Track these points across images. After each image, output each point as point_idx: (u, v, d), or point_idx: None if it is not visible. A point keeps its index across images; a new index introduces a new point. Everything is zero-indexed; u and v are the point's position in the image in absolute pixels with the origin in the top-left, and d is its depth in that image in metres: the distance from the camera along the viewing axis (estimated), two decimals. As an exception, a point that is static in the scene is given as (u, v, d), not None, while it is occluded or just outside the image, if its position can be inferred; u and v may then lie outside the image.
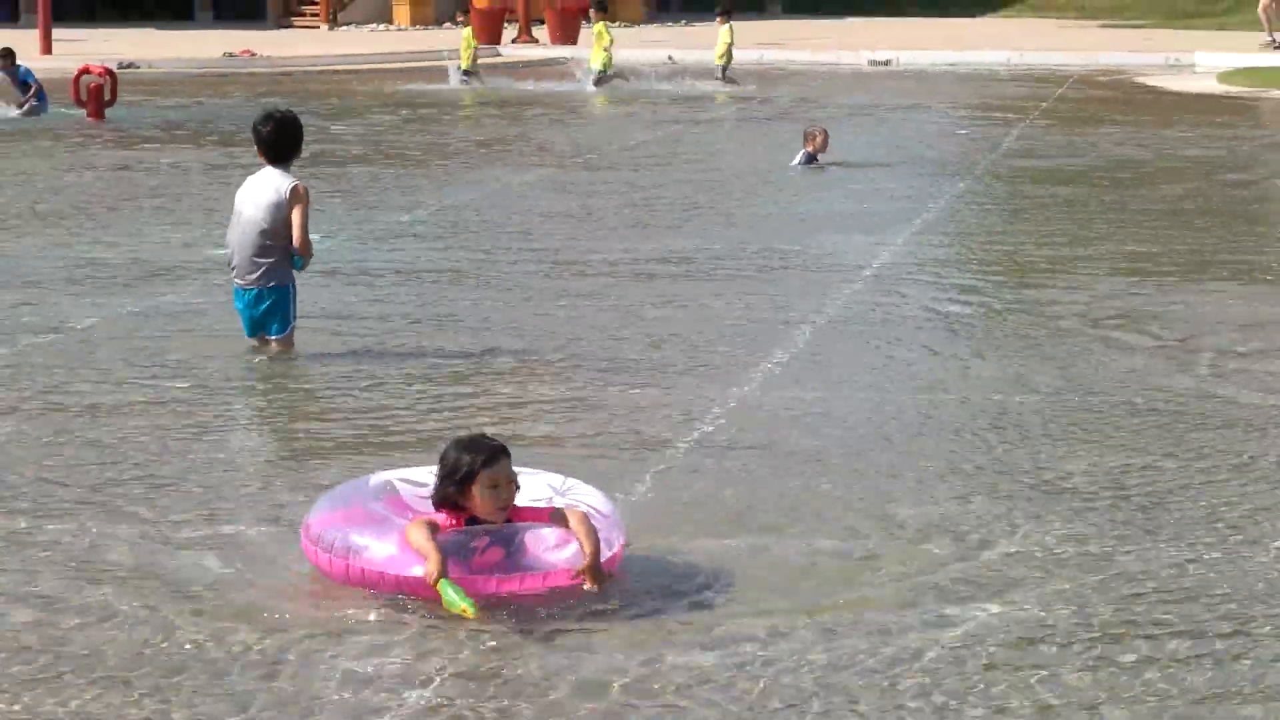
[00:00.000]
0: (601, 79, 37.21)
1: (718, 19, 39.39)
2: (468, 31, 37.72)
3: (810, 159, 21.78)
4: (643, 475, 9.43)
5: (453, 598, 6.63)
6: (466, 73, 36.74)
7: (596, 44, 37.17)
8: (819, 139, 21.84)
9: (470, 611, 6.64)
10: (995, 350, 12.83)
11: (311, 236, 11.93)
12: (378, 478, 7.66)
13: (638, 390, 11.39)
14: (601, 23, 37.13)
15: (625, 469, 9.52)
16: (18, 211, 19.21)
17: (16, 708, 6.29)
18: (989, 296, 14.75)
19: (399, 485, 7.47)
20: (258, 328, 11.95)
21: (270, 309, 11.70)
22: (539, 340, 12.77)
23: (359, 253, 15.96)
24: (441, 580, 6.60)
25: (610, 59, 36.77)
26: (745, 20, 53.90)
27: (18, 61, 30.39)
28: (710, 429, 10.27)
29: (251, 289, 11.70)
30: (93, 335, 12.64)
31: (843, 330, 12.97)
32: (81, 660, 6.64)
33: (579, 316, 13.70)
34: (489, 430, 8.82)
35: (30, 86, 29.52)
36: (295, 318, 11.79)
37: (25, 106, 29.27)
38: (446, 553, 6.68)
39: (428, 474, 7.38)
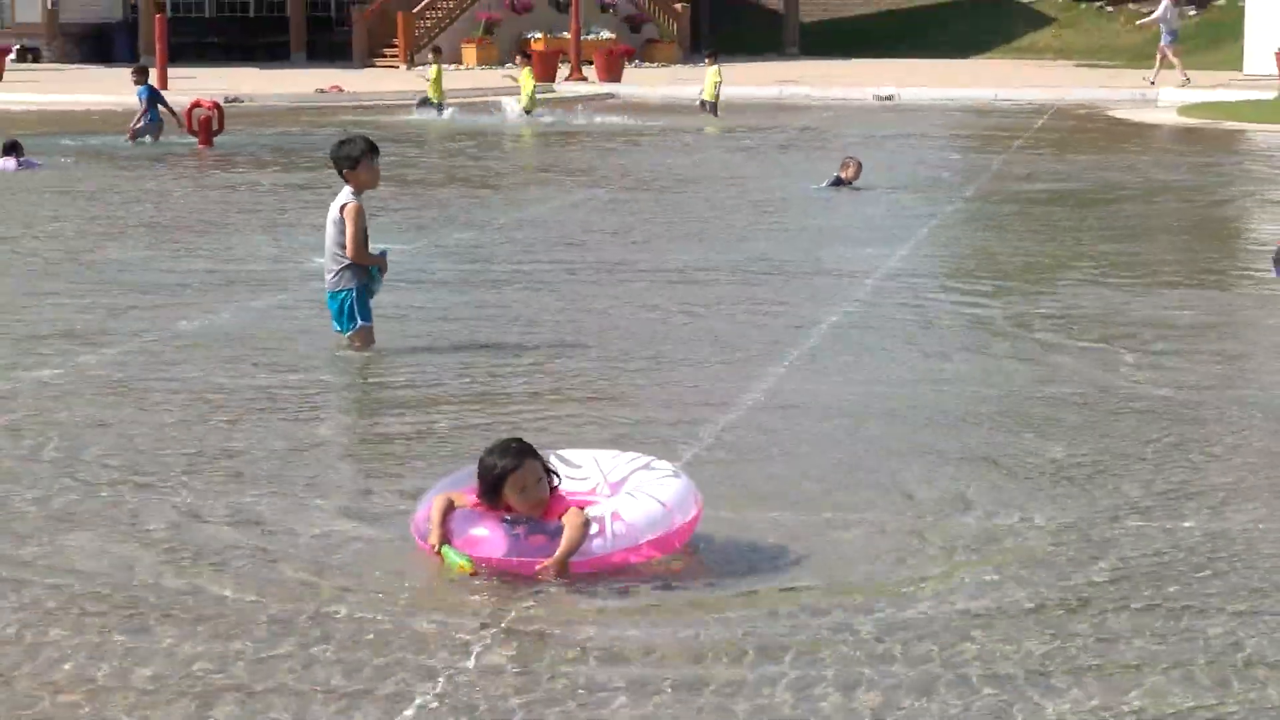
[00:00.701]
0: (711, 107, 37.19)
1: (706, 60, 39.28)
2: (527, 71, 37.66)
3: (838, 183, 21.47)
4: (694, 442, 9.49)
5: (452, 559, 6.82)
6: (526, 110, 36.78)
7: (709, 81, 37.17)
8: (852, 169, 21.78)
9: (468, 567, 6.81)
10: (979, 345, 12.74)
11: (394, 246, 12.20)
12: (461, 472, 7.47)
13: (670, 359, 11.57)
14: (715, 66, 37.10)
15: (676, 437, 9.57)
16: (135, 224, 19.42)
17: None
18: (978, 299, 14.64)
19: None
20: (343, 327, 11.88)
21: (341, 308, 11.71)
22: (587, 335, 12.69)
23: (436, 260, 15.83)
24: (443, 547, 6.80)
25: (717, 94, 36.72)
26: (767, 61, 53.94)
27: (147, 81, 30.56)
28: (737, 415, 10.13)
29: (329, 291, 11.75)
30: (203, 332, 12.64)
31: (849, 330, 12.81)
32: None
33: (621, 313, 13.62)
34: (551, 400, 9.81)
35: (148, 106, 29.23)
36: (368, 318, 11.72)
37: (133, 128, 29.02)
38: (498, 540, 6.80)
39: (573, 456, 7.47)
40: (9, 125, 28.62)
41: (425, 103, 36.94)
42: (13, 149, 24.63)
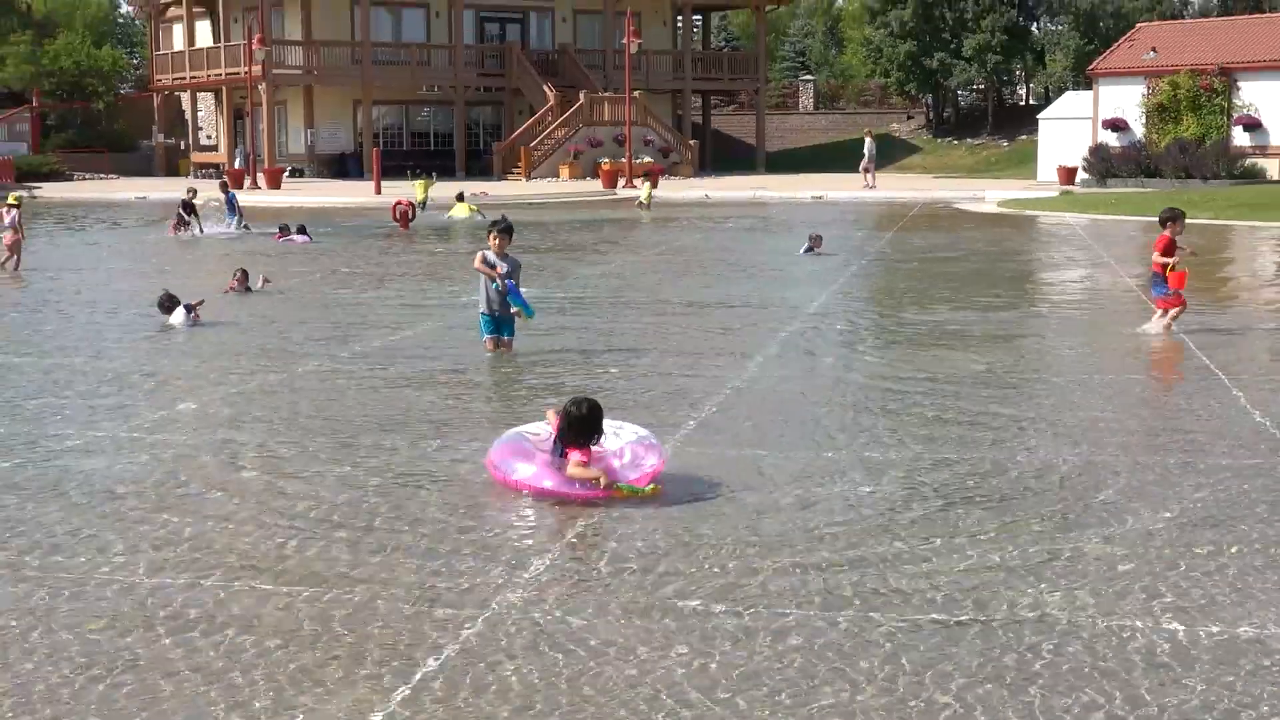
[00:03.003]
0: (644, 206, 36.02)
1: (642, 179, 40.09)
2: (647, 187, 37.51)
3: (810, 249, 21.29)
4: (701, 409, 9.31)
5: (632, 488, 6.70)
6: (642, 204, 36.29)
7: (646, 189, 37.06)
8: (819, 240, 21.58)
9: (650, 490, 6.73)
10: (882, 350, 12.54)
11: (524, 289, 11.76)
12: (521, 428, 7.46)
13: (682, 362, 11.31)
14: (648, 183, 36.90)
15: (685, 404, 9.39)
16: (362, 275, 19.60)
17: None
18: (886, 320, 14.57)
19: (527, 433, 7.29)
20: (498, 332, 11.72)
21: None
22: (637, 340, 12.60)
23: (550, 295, 15.59)
24: (615, 485, 6.69)
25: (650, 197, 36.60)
26: (745, 175, 53.63)
27: (229, 190, 29.68)
28: (739, 381, 10.10)
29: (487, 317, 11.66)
30: (398, 344, 12.55)
31: (795, 340, 12.74)
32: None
33: (657, 328, 13.45)
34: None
35: (235, 209, 28.18)
36: (488, 332, 11.58)
37: (233, 226, 27.80)
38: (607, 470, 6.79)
39: (542, 427, 7.28)
40: (292, 215, 28.76)
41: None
42: (302, 230, 25.19)
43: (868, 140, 47.09)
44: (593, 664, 4.79)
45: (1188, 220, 12.80)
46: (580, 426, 6.84)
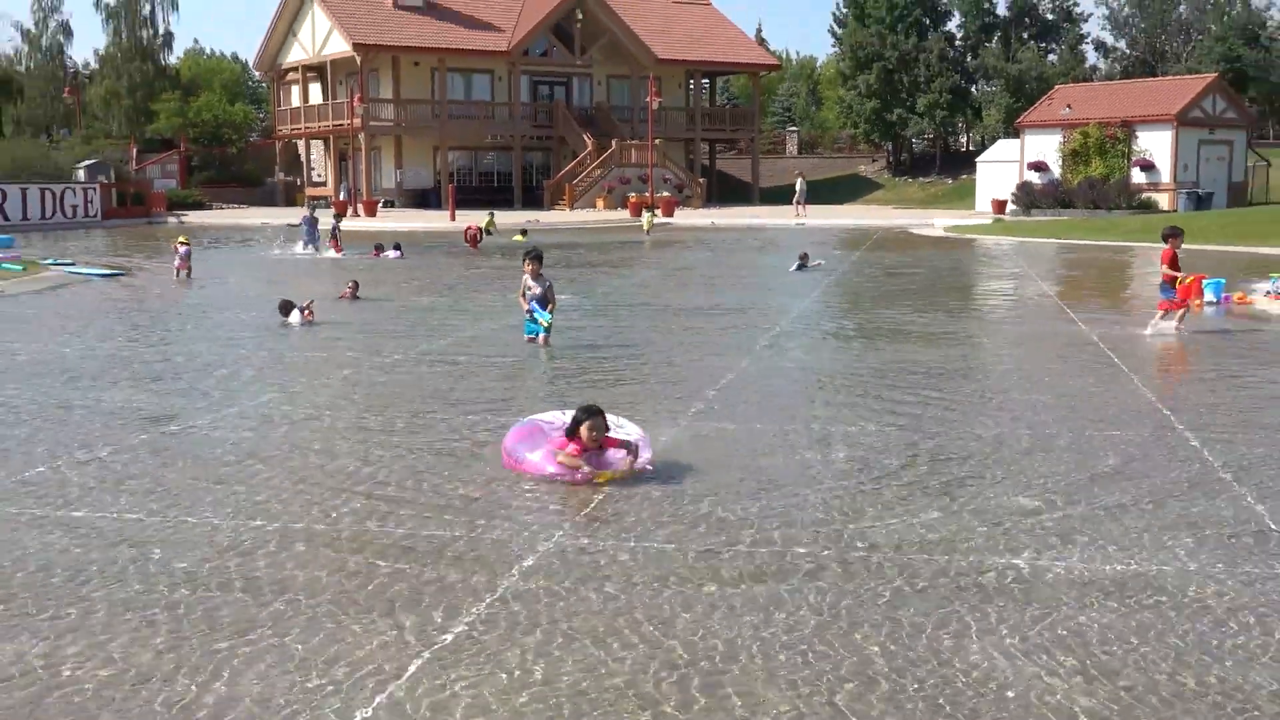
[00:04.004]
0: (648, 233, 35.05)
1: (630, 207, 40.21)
2: (629, 209, 37.39)
3: (800, 266, 21.06)
4: (701, 397, 9.25)
5: (609, 474, 6.43)
6: (646, 231, 35.37)
7: (647, 219, 36.37)
8: (807, 257, 21.41)
9: (615, 474, 6.45)
10: (852, 345, 12.49)
11: (560, 297, 11.78)
12: (534, 417, 7.16)
13: (689, 356, 11.11)
14: (650, 213, 36.44)
15: (692, 389, 9.34)
16: (432, 286, 19.18)
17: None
18: (856, 321, 14.50)
19: (541, 422, 6.99)
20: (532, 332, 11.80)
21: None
22: (652, 337, 12.42)
23: (582, 301, 15.52)
24: (595, 473, 6.43)
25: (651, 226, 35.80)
26: (742, 206, 53.47)
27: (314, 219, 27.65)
28: (737, 371, 10.04)
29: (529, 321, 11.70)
30: (465, 339, 12.50)
31: (784, 337, 12.69)
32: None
33: (668, 328, 13.29)
34: (610, 378, 8.84)
35: (315, 234, 26.55)
36: (529, 333, 11.67)
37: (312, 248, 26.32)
38: (590, 461, 6.51)
39: (559, 415, 7.03)
40: (385, 237, 28.68)
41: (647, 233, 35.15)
42: (397, 246, 25.23)
43: (799, 181, 47.24)
44: (609, 589, 4.83)
45: (1105, 243, 12.77)
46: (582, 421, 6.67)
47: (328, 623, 4.47)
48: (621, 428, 6.91)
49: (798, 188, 46.19)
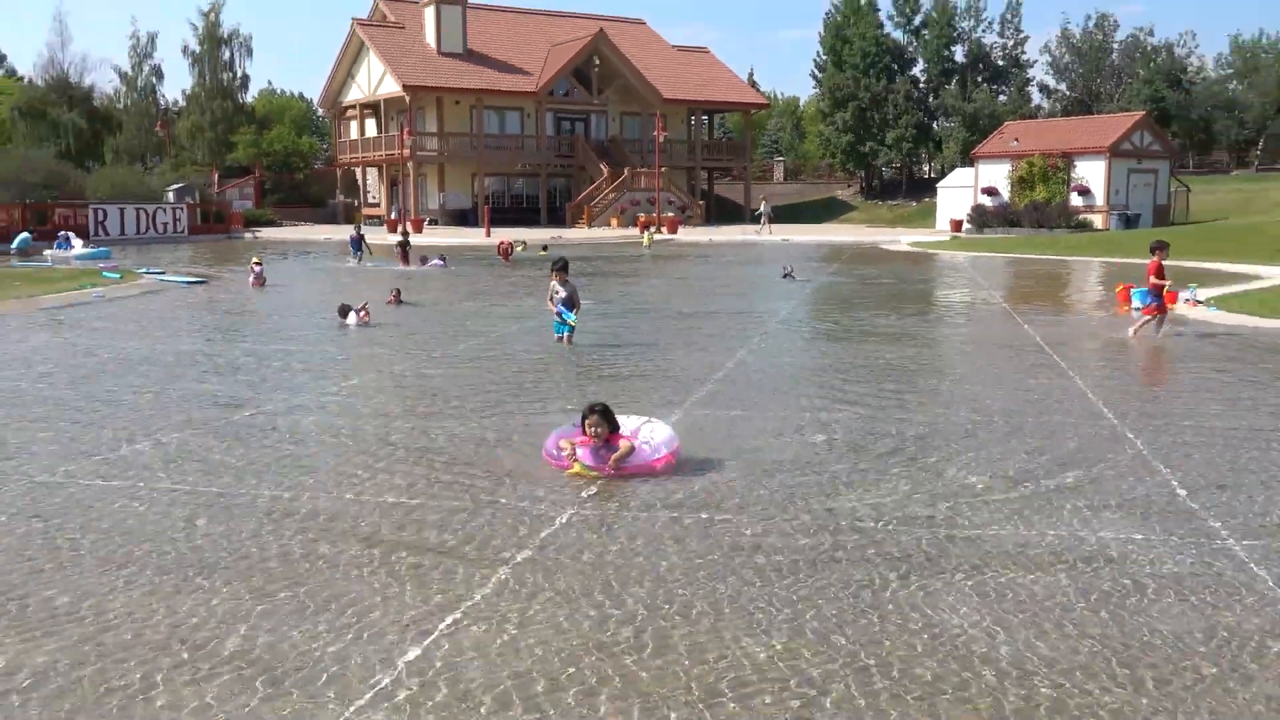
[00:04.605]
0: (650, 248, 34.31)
1: (639, 225, 39.32)
2: (638, 226, 37.17)
3: (787, 275, 20.96)
4: (705, 385, 9.14)
5: (581, 468, 6.03)
6: (646, 247, 35.24)
7: (647, 237, 35.60)
8: (792, 269, 21.37)
9: (587, 473, 6.03)
10: (833, 338, 12.43)
11: (585, 301, 11.84)
12: (563, 428, 6.56)
13: (688, 353, 10.97)
14: (649, 230, 35.81)
15: (690, 382, 9.25)
16: (468, 293, 18.84)
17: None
18: (832, 324, 14.43)
19: (573, 426, 6.43)
20: (561, 332, 11.74)
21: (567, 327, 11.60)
22: (654, 337, 12.27)
23: (595, 306, 15.50)
24: (577, 463, 6.05)
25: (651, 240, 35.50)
26: (734, 226, 53.11)
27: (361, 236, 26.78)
28: (729, 367, 10.00)
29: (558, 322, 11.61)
30: (500, 338, 12.35)
31: (769, 337, 12.66)
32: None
33: (668, 328, 13.17)
34: (621, 370, 8.83)
35: (360, 248, 25.84)
36: (558, 332, 11.60)
37: (358, 261, 25.46)
38: (590, 456, 6.11)
39: (634, 419, 6.59)
40: (430, 249, 28.52)
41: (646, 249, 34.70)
42: (442, 258, 24.79)
43: (764, 204, 47.33)
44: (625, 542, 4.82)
45: (1047, 256, 12.69)
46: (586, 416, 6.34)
47: (381, 576, 4.50)
48: (652, 428, 6.45)
49: (763, 209, 46.35)
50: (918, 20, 63.13)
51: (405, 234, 27.38)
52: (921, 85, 63.42)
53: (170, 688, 3.51)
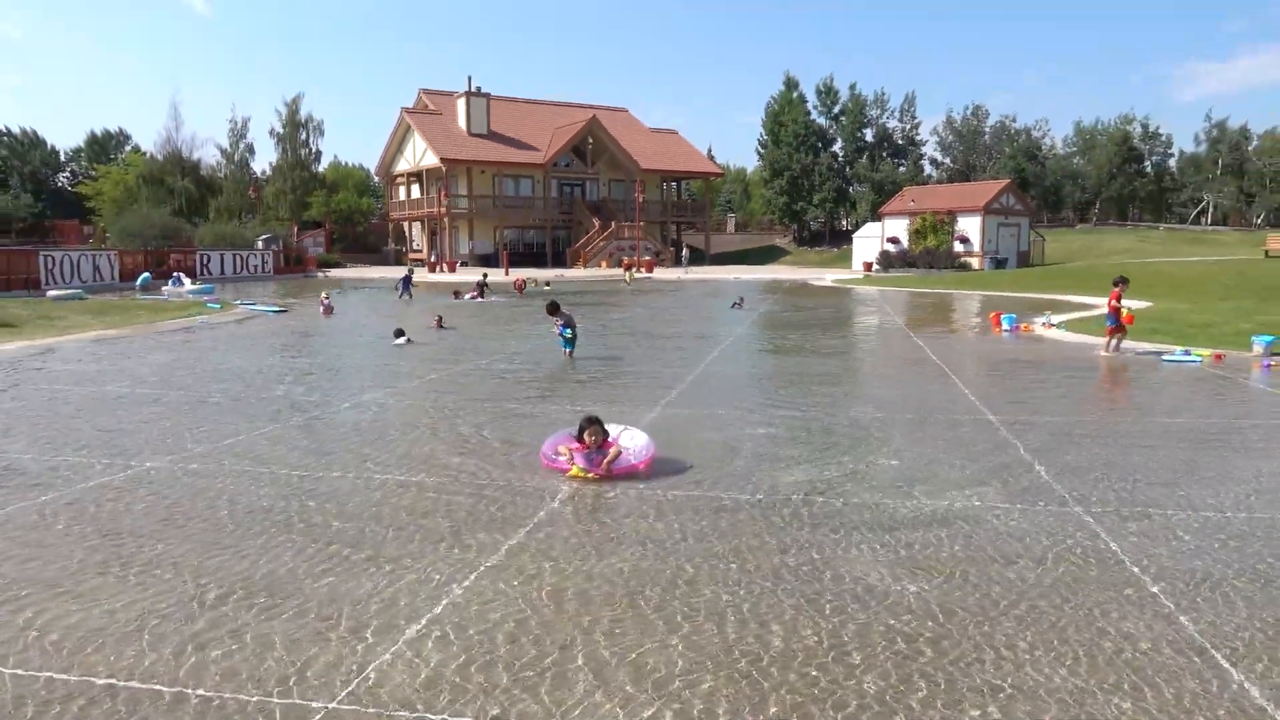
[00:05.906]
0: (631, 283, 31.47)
1: (623, 266, 37.58)
2: (622, 267, 36.85)
3: (736, 305, 20.65)
4: (675, 388, 9.08)
5: (576, 470, 5.60)
6: (628, 283, 35.10)
7: (630, 274, 33.55)
8: (743, 300, 21.25)
9: (581, 474, 5.60)
10: (770, 357, 12.39)
11: (580, 324, 11.42)
12: (563, 431, 6.16)
13: (661, 366, 10.86)
14: (631, 269, 34.70)
15: (663, 388, 9.20)
16: (486, 319, 18.48)
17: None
18: (773, 342, 14.41)
19: (572, 433, 6.01)
20: (568, 347, 11.64)
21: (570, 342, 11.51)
22: (630, 354, 12.15)
23: (587, 329, 15.36)
24: (575, 467, 5.61)
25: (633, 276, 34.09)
26: (699, 268, 52.55)
27: (410, 273, 26.32)
28: (693, 375, 9.97)
29: (561, 339, 11.51)
30: (517, 354, 12.27)
31: (725, 353, 12.64)
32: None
33: (641, 348, 13.04)
34: (612, 383, 8.76)
35: (407, 287, 24.09)
36: (565, 347, 11.49)
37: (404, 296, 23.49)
38: (585, 459, 5.68)
39: (620, 428, 6.18)
40: (464, 286, 28.07)
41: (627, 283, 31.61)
42: (484, 288, 22.89)
43: (685, 250, 47.79)
44: (610, 522, 4.78)
45: (937, 290, 12.68)
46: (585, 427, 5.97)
47: (418, 539, 4.47)
48: (631, 435, 6.08)
49: (683, 254, 47.16)
50: (837, 109, 63.94)
51: (485, 275, 27.34)
52: (840, 159, 63.98)
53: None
